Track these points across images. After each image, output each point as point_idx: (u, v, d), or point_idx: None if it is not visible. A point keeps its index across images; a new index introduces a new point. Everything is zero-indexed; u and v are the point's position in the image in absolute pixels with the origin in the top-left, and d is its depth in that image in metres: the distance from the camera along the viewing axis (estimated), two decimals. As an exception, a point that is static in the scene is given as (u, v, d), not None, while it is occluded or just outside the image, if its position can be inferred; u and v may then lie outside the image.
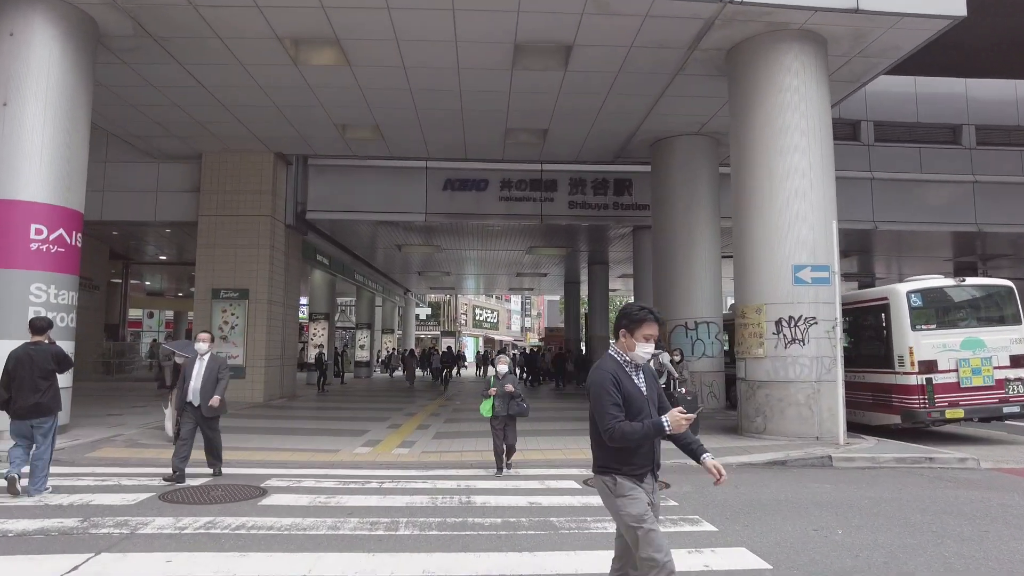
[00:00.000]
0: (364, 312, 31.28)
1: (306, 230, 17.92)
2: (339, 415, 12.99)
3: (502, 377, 7.25)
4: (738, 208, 10.45)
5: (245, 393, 15.33)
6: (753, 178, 10.14)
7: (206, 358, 6.92)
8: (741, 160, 10.44)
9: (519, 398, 7.15)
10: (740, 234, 10.37)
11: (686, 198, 14.38)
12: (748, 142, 10.27)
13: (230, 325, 15.60)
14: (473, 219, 17.09)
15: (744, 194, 10.30)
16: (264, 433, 10.10)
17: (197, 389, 6.70)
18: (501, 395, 7.07)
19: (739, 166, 10.50)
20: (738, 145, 10.54)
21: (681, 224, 14.36)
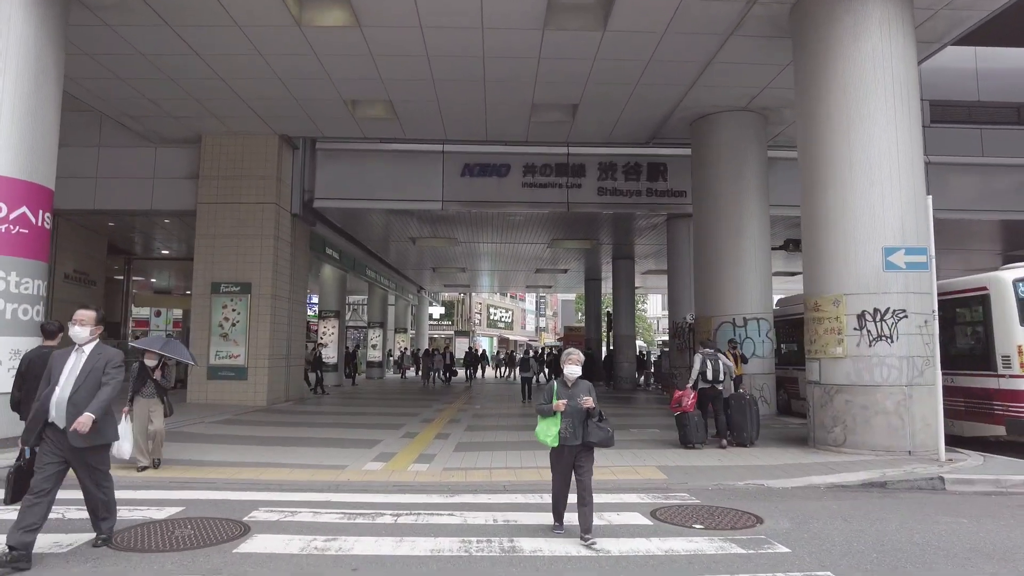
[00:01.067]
0: (376, 311, 30.04)
1: (314, 220, 16.66)
2: (349, 421, 11.69)
3: (572, 384, 4.75)
4: (810, 187, 9.03)
5: (247, 396, 14.09)
6: (827, 152, 8.71)
7: (86, 350, 4.25)
8: (812, 132, 9.02)
9: (601, 418, 4.72)
10: (812, 216, 8.95)
11: (732, 182, 12.95)
12: (820, 111, 8.84)
13: (231, 322, 14.36)
14: (493, 207, 15.75)
15: (816, 171, 8.87)
16: (262, 444, 8.80)
17: (64, 401, 4.03)
18: (573, 413, 4.62)
19: (809, 140, 9.08)
20: (808, 116, 9.12)
21: (727, 211, 12.93)
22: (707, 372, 8.96)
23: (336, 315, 22.32)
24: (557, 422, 4.64)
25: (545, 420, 4.73)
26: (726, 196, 12.96)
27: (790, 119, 13.56)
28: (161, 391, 6.92)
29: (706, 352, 9.23)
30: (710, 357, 9.00)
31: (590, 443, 4.67)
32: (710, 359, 8.98)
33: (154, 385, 6.82)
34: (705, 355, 9.09)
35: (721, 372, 9.02)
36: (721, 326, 12.75)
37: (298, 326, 16.24)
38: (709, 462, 7.73)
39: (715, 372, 8.93)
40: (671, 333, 16.40)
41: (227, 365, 14.22)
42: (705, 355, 9.09)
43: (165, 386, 6.98)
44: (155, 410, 6.84)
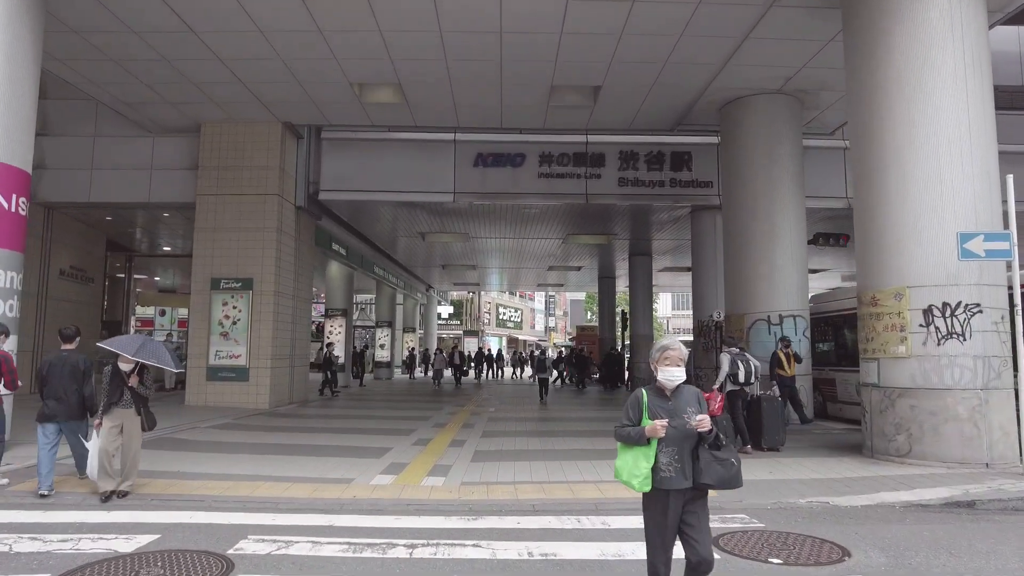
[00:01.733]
0: (385, 309, 29.27)
1: (320, 214, 15.88)
2: (356, 426, 10.88)
3: (672, 394, 3.10)
4: (864, 171, 8.15)
5: (248, 399, 13.32)
6: (885, 131, 7.83)
7: None
8: (866, 109, 8.14)
9: (718, 444, 3.11)
10: (867, 203, 8.07)
11: (765, 171, 12.05)
12: (876, 86, 7.96)
13: (231, 320, 13.59)
14: (507, 199, 14.90)
15: (872, 152, 7.99)
16: (260, 452, 8.00)
17: None
18: (677, 439, 3.01)
19: (863, 118, 8.20)
20: (861, 91, 8.24)
21: (760, 201, 12.04)
22: (739, 373, 8.30)
23: (343, 314, 21.55)
24: (651, 454, 2.95)
25: (630, 451, 3.01)
26: (759, 185, 12.08)
27: (826, 103, 12.68)
28: (139, 401, 5.69)
29: (733, 351, 8.50)
30: (739, 357, 8.36)
31: (705, 485, 2.99)
32: (740, 359, 8.34)
33: (131, 394, 5.62)
34: (734, 355, 8.37)
35: (753, 373, 8.39)
36: (755, 324, 11.87)
37: (303, 325, 15.47)
38: (758, 474, 6.88)
39: (747, 373, 8.30)
40: (695, 332, 15.52)
41: (227, 366, 13.46)
42: (734, 355, 8.37)
43: (144, 395, 5.75)
44: (130, 424, 5.63)
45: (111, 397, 5.54)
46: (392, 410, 13.97)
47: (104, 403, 5.56)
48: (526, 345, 61.57)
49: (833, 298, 13.46)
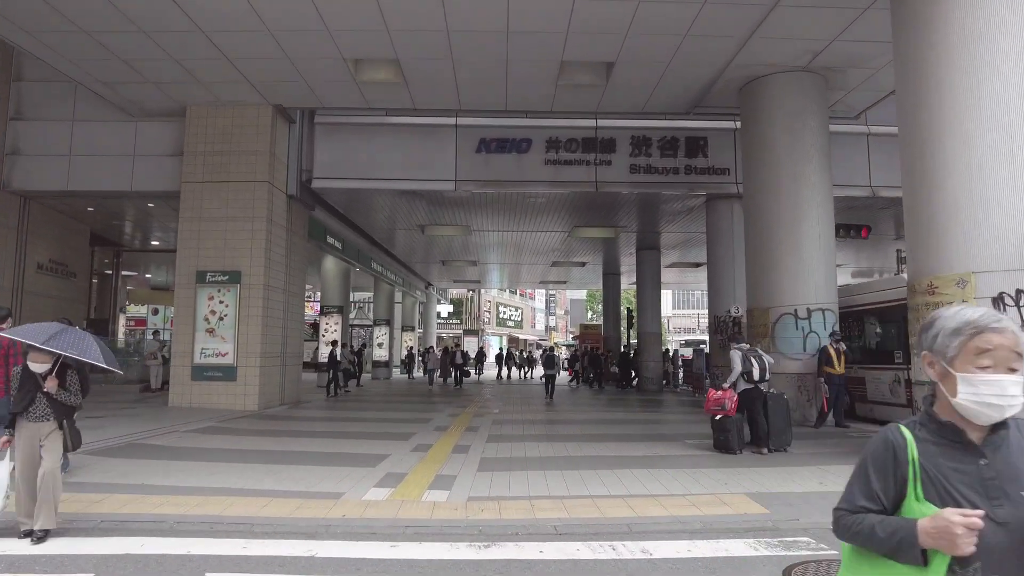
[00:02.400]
0: (383, 307, 28.40)
1: (313, 204, 15.01)
2: (350, 430, 10.02)
3: (988, 439, 1.40)
4: (916, 146, 7.28)
5: (236, 400, 12.45)
6: (943, 100, 6.97)
7: None
8: (920, 79, 7.27)
9: None
10: (921, 181, 7.20)
11: (790, 155, 11.22)
12: (933, 53, 7.10)
13: (218, 315, 12.72)
14: (512, 187, 14.03)
15: (930, 128, 7.12)
16: (242, 459, 7.14)
17: None
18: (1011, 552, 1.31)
19: (918, 89, 7.33)
20: (916, 60, 7.37)
21: (785, 187, 11.19)
22: (753, 371, 7.86)
23: (339, 311, 20.68)
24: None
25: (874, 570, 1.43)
26: (783, 170, 11.22)
27: (854, 82, 11.83)
28: (60, 412, 4.38)
29: (743, 347, 8.06)
30: (752, 353, 7.95)
31: None
32: (753, 356, 7.91)
33: (47, 402, 4.33)
34: (745, 351, 7.92)
35: (767, 370, 8.02)
36: (781, 319, 11.01)
37: (295, 321, 14.59)
38: (806, 484, 6.04)
39: (762, 370, 7.88)
40: (712, 328, 14.67)
41: (214, 364, 12.59)
42: (745, 351, 7.92)
43: (67, 403, 4.41)
44: (48, 441, 4.33)
45: (18, 405, 4.29)
46: (390, 412, 13.10)
47: (10, 414, 4.37)
48: (527, 344, 60.74)
49: (862, 291, 12.62)
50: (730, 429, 7.58)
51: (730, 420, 7.61)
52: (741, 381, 7.81)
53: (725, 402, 7.61)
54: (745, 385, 7.84)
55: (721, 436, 7.71)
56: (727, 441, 7.63)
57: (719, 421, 7.70)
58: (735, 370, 7.83)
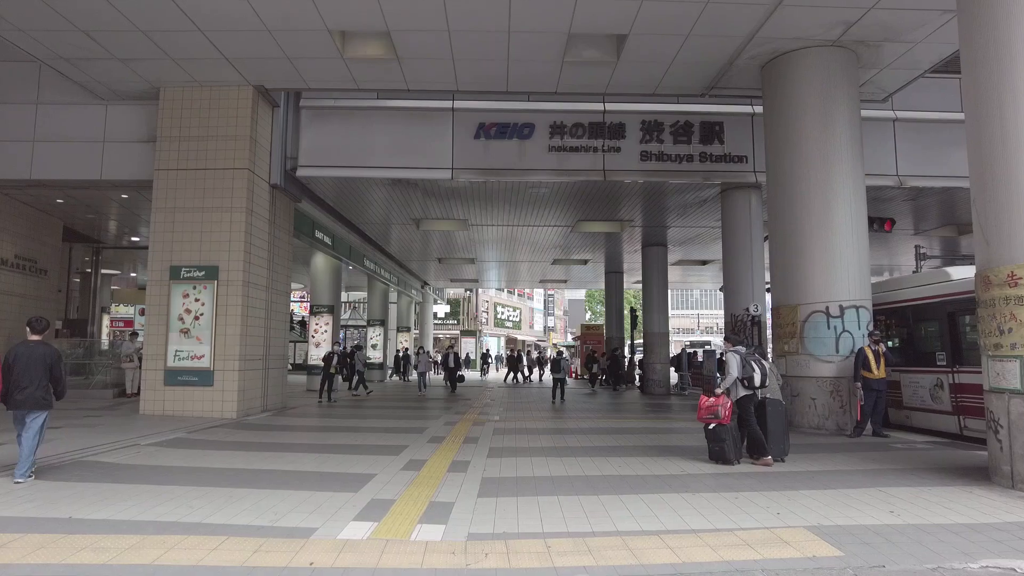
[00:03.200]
0: (377, 307, 27.38)
1: (299, 195, 13.96)
2: (334, 442, 8.97)
3: None
4: (983, 114, 6.27)
5: (213, 407, 11.41)
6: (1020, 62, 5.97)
7: None
8: (987, 42, 6.28)
9: None
10: (995, 156, 6.18)
11: (819, 138, 10.23)
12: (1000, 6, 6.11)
13: (193, 315, 11.66)
14: (513, 175, 13.00)
15: (997, 90, 6.12)
16: (202, 482, 6.09)
17: None
18: None
19: (980, 52, 6.34)
20: (980, 18, 6.38)
21: (813, 174, 10.20)
22: (754, 376, 7.17)
23: (330, 311, 19.62)
24: None
25: None
26: (813, 156, 10.23)
27: (888, 59, 10.85)
28: None
29: (740, 349, 7.33)
30: (751, 356, 7.27)
31: None
32: (752, 359, 7.24)
33: None
34: (743, 354, 7.22)
35: (767, 376, 7.36)
36: (811, 317, 10.01)
37: (279, 321, 13.54)
38: (875, 514, 5.01)
39: (763, 376, 7.22)
40: (728, 327, 13.66)
41: (189, 368, 11.53)
42: (743, 354, 7.22)
43: None
44: None
45: None
46: (381, 420, 12.05)
47: None
48: (524, 345, 59.74)
49: (897, 287, 11.61)
50: (725, 439, 6.99)
51: (725, 429, 6.99)
52: (739, 387, 7.17)
53: (719, 409, 6.96)
54: (743, 392, 7.18)
55: (715, 447, 7.09)
56: (723, 452, 7.02)
57: (713, 431, 7.06)
58: (730, 375, 7.15)
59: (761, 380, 7.18)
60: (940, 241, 20.21)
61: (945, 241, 20.26)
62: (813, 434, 9.67)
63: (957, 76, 13.69)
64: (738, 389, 7.17)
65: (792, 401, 10.18)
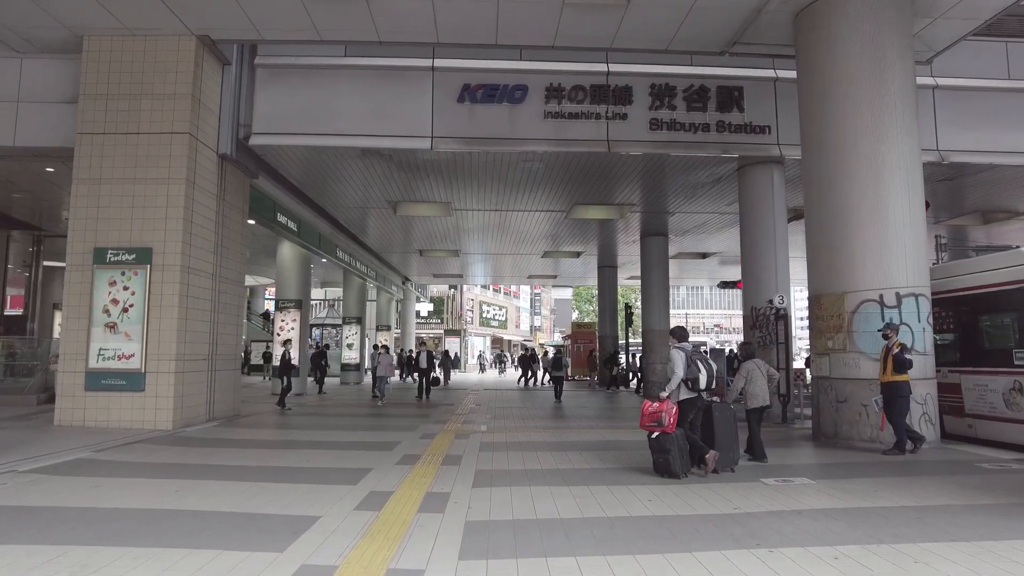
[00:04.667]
0: (353, 304, 25.43)
1: (255, 170, 12.08)
2: (284, 463, 7.15)
3: None
4: None
5: (144, 416, 9.54)
6: None
7: None
8: None
9: None
10: None
11: (869, 100, 8.61)
12: None
13: (121, 306, 9.75)
14: (503, 145, 11.24)
15: None
16: (57, 535, 4.24)
17: None
18: None
19: None
20: None
21: (864, 142, 8.57)
22: (699, 378, 6.37)
23: (297, 305, 17.71)
24: None
25: None
26: (862, 119, 8.60)
27: (946, 4, 9.22)
28: None
29: (686, 347, 6.54)
30: (697, 355, 6.51)
31: None
32: (698, 358, 6.47)
33: None
34: (689, 352, 6.46)
35: (714, 377, 6.57)
36: (861, 307, 8.35)
37: (231, 315, 11.64)
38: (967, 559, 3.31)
39: (710, 377, 6.46)
40: (748, 323, 12.01)
41: (115, 369, 9.62)
42: (689, 352, 6.46)
43: None
44: None
45: None
46: (347, 432, 10.21)
47: None
48: (511, 346, 57.98)
49: (956, 272, 9.96)
50: (670, 449, 6.22)
51: (669, 438, 6.24)
52: (683, 389, 6.42)
53: (662, 416, 6.22)
54: (687, 394, 6.42)
55: (660, 458, 6.32)
56: (667, 464, 6.25)
57: (656, 440, 6.31)
58: (676, 375, 6.38)
59: (707, 382, 6.39)
60: (949, 230, 18.70)
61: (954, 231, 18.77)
62: (866, 449, 8.02)
63: (1001, 39, 12.20)
64: (680, 391, 6.40)
65: (837, 408, 8.53)
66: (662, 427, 6.22)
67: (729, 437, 6.66)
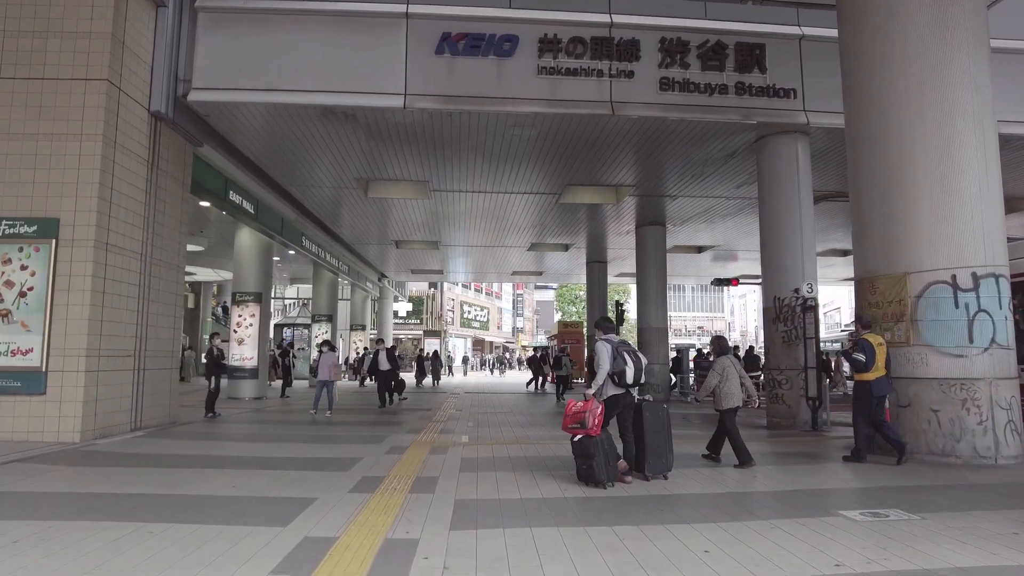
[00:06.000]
0: (323, 301, 23.60)
1: (200, 136, 10.29)
2: (196, 490, 5.41)
3: None
4: None
5: (44, 424, 7.73)
6: None
7: None
8: None
9: None
10: None
11: (934, 48, 7.12)
12: None
13: (17, 290, 7.93)
14: (489, 104, 9.58)
15: None
16: None
17: None
18: None
19: None
20: None
21: (928, 92, 7.09)
22: (626, 371, 5.68)
23: (256, 299, 15.86)
24: None
25: None
26: (925, 71, 7.10)
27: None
28: None
29: (612, 339, 5.90)
30: (624, 347, 5.82)
31: None
32: (626, 350, 5.78)
33: None
34: (615, 344, 5.81)
35: (643, 372, 5.84)
36: (929, 290, 6.85)
37: (165, 304, 9.83)
38: None
39: (637, 371, 5.73)
40: (770, 316, 10.48)
41: (7, 368, 7.79)
42: (615, 344, 5.81)
43: None
44: None
45: None
46: (299, 444, 8.45)
47: None
48: (493, 348, 56.33)
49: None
50: (594, 454, 5.49)
51: (594, 442, 5.50)
52: (610, 384, 5.71)
53: (586, 417, 5.52)
54: (614, 390, 5.74)
55: (583, 464, 5.57)
56: (591, 470, 5.51)
57: (580, 443, 5.58)
58: (601, 369, 5.72)
59: (635, 376, 5.70)
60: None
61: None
62: (938, 464, 6.50)
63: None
64: (607, 387, 5.72)
65: (900, 414, 7.00)
66: (585, 429, 5.48)
67: (661, 440, 5.93)
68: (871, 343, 6.80)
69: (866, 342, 6.81)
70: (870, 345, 6.77)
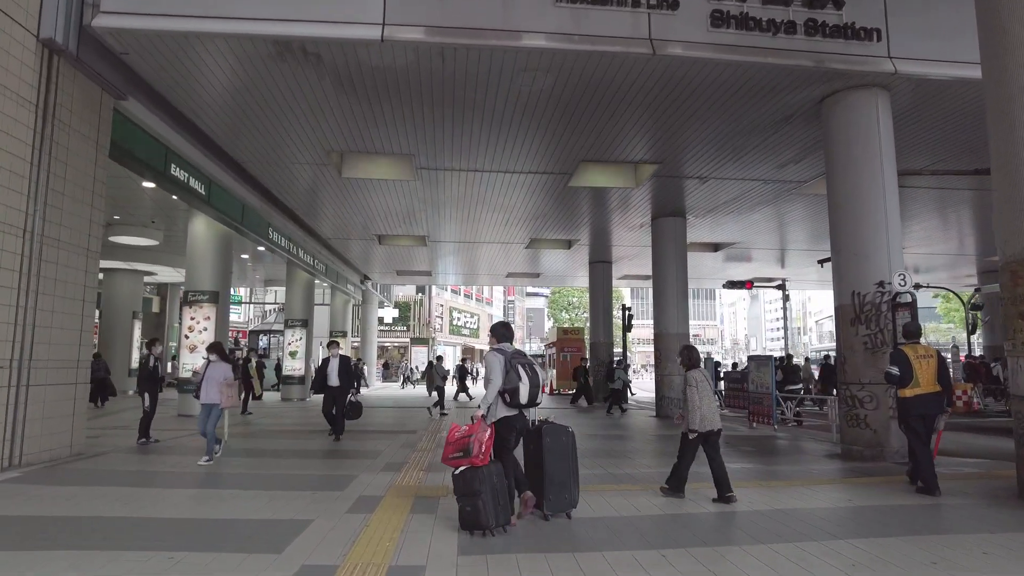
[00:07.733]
0: (298, 304, 21.24)
1: (123, 86, 8.00)
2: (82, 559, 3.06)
3: None
4: None
5: None
6: None
7: None
8: None
9: None
10: None
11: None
12: None
13: None
14: (492, 38, 7.37)
15: None
16: None
17: None
18: None
19: None
20: None
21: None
22: (519, 389, 4.67)
23: (212, 299, 13.51)
24: None
25: None
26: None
27: None
28: None
29: (507, 349, 4.85)
30: (519, 359, 4.80)
31: None
32: (520, 363, 4.77)
33: None
34: (508, 355, 4.76)
35: (540, 387, 4.81)
36: None
37: (67, 298, 7.50)
38: None
39: (533, 388, 4.71)
40: (845, 317, 8.30)
41: None
42: (508, 355, 4.76)
43: None
44: None
45: None
46: (229, 489, 6.14)
47: None
48: (482, 356, 54.13)
49: None
50: (479, 491, 4.24)
51: (479, 475, 4.28)
52: (500, 404, 4.68)
53: (471, 443, 4.41)
54: (506, 411, 4.70)
55: (467, 504, 4.27)
56: (476, 512, 4.23)
57: (463, 477, 4.32)
58: (492, 384, 4.64)
59: (529, 395, 4.68)
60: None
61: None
62: None
63: None
64: (498, 407, 4.69)
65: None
66: (470, 458, 4.40)
67: (564, 471, 4.86)
68: (906, 355, 6.01)
69: (900, 353, 6.08)
70: (904, 356, 6.02)
